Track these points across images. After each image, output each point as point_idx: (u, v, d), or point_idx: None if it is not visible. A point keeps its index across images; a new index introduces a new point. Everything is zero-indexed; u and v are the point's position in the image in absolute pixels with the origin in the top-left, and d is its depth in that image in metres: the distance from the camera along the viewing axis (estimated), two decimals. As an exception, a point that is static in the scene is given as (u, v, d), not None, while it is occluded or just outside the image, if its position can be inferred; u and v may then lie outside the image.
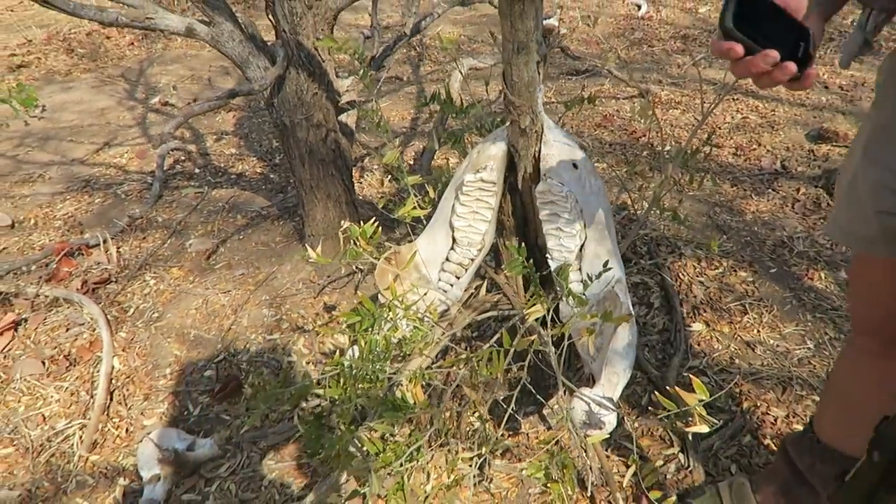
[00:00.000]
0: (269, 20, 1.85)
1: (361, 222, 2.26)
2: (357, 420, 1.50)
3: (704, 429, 0.92)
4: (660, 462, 1.60)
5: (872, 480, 0.72)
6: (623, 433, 1.67)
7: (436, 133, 2.16)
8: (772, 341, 1.92)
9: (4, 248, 2.65)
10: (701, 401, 1.01)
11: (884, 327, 1.06)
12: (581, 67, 3.81)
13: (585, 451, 1.58)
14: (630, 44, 4.35)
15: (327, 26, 1.82)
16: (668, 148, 2.73)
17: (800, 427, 1.64)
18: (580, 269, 1.44)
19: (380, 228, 1.27)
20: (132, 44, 5.05)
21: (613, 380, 1.25)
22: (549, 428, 1.69)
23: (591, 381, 1.32)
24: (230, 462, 1.69)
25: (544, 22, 4.31)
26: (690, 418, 0.98)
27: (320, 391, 1.12)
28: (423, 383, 1.33)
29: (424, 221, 1.60)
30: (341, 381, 1.14)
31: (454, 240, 1.53)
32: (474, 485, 1.56)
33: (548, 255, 1.43)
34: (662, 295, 2.10)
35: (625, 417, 1.71)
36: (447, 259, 1.55)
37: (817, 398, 1.72)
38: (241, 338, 2.08)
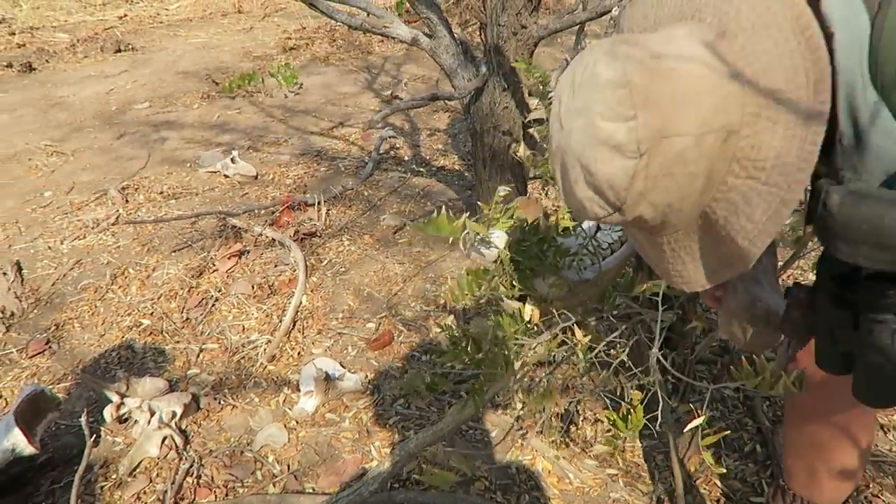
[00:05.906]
0: (481, 39, 2.15)
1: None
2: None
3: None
4: (745, 506, 1.65)
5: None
6: (717, 473, 1.73)
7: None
8: (910, 431, 1.84)
9: (246, 194, 3.28)
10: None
11: None
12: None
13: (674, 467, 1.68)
14: None
15: (527, 51, 2.07)
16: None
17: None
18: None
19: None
20: (381, 41, 5.73)
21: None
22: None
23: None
24: (368, 398, 2.03)
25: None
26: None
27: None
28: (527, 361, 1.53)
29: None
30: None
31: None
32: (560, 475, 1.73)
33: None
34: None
35: (722, 458, 1.77)
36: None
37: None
38: (403, 303, 2.43)
